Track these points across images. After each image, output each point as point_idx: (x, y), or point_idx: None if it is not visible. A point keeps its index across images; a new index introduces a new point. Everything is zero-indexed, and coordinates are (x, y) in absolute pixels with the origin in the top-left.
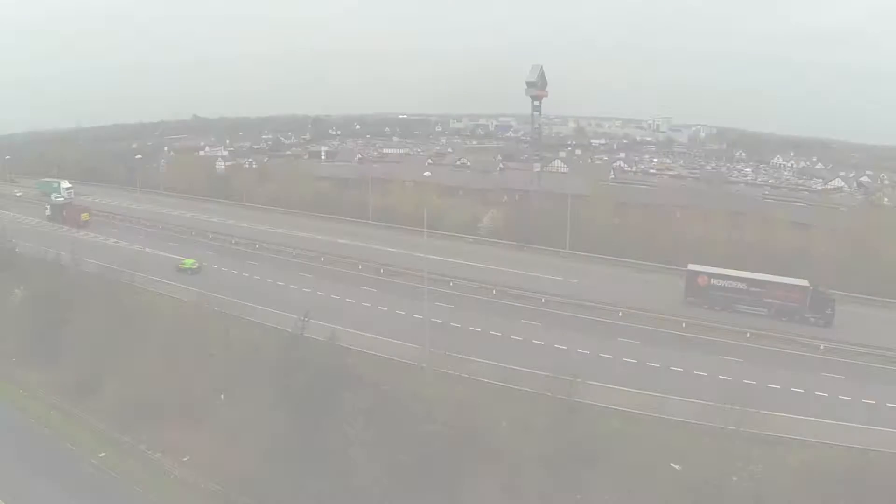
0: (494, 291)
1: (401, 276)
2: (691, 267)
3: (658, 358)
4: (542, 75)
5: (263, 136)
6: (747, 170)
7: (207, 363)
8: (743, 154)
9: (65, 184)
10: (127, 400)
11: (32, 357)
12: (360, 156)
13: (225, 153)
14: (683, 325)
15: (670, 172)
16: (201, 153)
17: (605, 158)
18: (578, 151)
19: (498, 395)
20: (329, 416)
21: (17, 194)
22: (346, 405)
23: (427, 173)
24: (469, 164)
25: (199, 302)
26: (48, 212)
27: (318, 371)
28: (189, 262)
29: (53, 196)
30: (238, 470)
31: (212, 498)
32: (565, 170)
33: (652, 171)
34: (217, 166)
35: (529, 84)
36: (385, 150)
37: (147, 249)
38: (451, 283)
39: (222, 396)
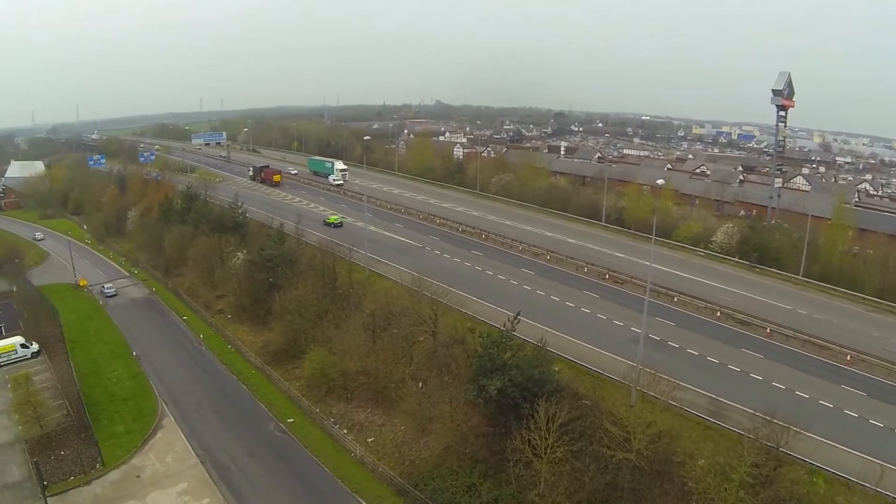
0: (719, 313)
1: (625, 283)
2: None
3: (884, 416)
4: (789, 83)
5: (505, 127)
6: None
7: (412, 349)
8: None
9: (339, 164)
10: (325, 372)
11: (245, 316)
12: (599, 154)
13: (464, 140)
14: None
15: None
16: (441, 138)
17: (850, 179)
18: (822, 169)
19: (702, 429)
20: (522, 422)
21: (293, 172)
22: (541, 415)
23: (660, 181)
24: (708, 172)
25: (413, 286)
26: (250, 172)
27: (519, 374)
28: (334, 218)
29: (331, 178)
30: (418, 461)
31: (385, 484)
32: (807, 188)
33: None
34: (455, 152)
35: (775, 92)
36: (625, 151)
37: (371, 227)
38: (675, 299)
39: (420, 385)
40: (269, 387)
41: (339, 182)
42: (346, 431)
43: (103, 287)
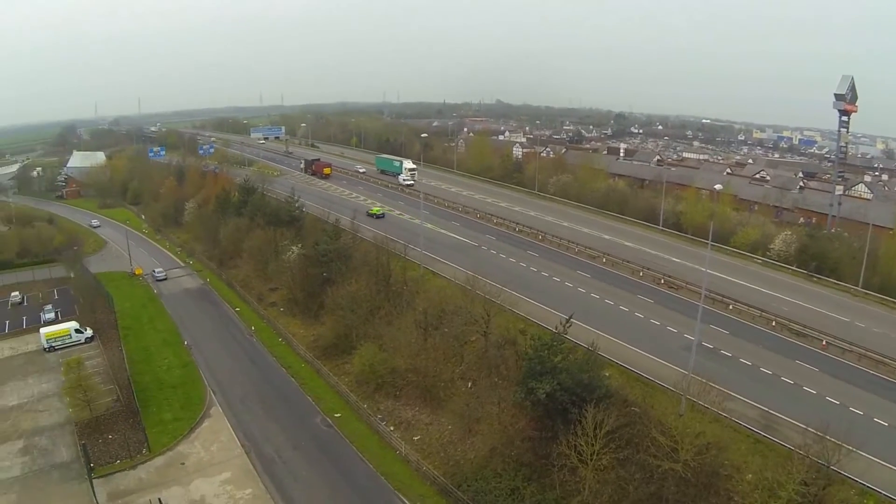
0: (774, 323)
1: (680, 289)
2: None
3: None
4: (852, 87)
5: (565, 127)
6: None
7: (463, 348)
8: None
9: (408, 164)
10: (374, 368)
11: (297, 310)
12: (658, 157)
13: (523, 140)
14: None
15: None
16: (500, 137)
17: None
18: (885, 177)
19: (752, 442)
20: (569, 427)
21: (361, 171)
22: (589, 420)
23: (718, 186)
24: (768, 177)
25: (467, 285)
26: (302, 165)
27: (568, 378)
28: (376, 210)
29: (401, 178)
30: (463, 461)
31: (428, 483)
32: (869, 196)
33: None
34: (514, 152)
35: (838, 97)
36: (685, 154)
37: (427, 225)
38: (730, 306)
39: (469, 385)
40: (318, 381)
41: (409, 182)
42: (392, 429)
43: (153, 271)
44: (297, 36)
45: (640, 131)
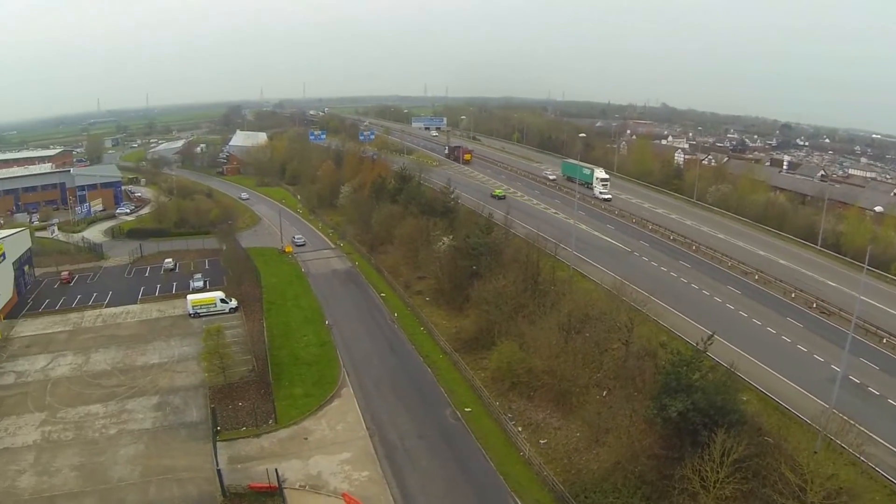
0: None
1: (832, 315)
2: None
3: None
4: None
5: (729, 135)
6: None
7: (602, 356)
8: None
9: (599, 173)
10: (511, 366)
11: (442, 301)
12: (822, 172)
13: (686, 146)
14: None
15: None
16: (663, 142)
17: None
18: None
19: (888, 493)
20: (696, 450)
21: (551, 178)
22: (717, 446)
23: (878, 207)
24: None
25: (613, 290)
26: (445, 151)
27: (703, 399)
28: (499, 192)
29: (597, 191)
30: (585, 471)
31: (547, 489)
32: None
33: None
34: (675, 158)
35: None
36: (851, 171)
37: (582, 226)
38: (884, 340)
39: (604, 393)
40: (454, 373)
41: (606, 196)
42: (520, 429)
43: (293, 237)
44: (468, 30)
45: (806, 144)
